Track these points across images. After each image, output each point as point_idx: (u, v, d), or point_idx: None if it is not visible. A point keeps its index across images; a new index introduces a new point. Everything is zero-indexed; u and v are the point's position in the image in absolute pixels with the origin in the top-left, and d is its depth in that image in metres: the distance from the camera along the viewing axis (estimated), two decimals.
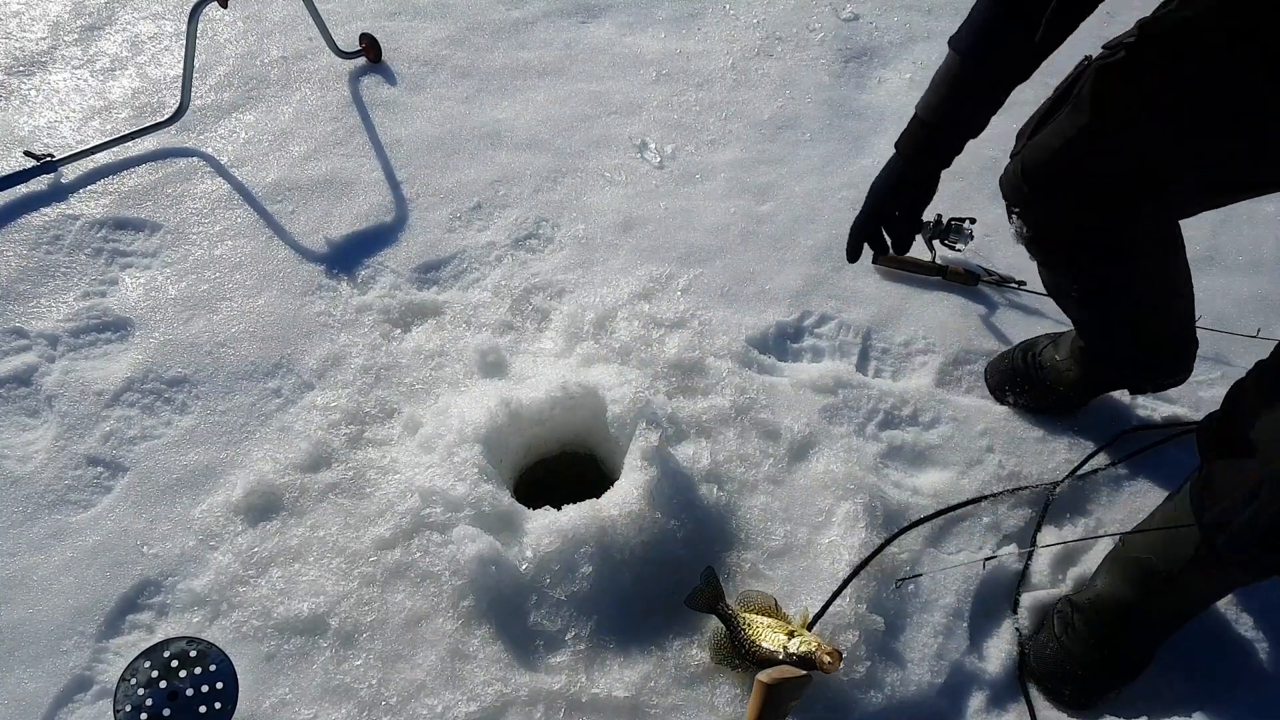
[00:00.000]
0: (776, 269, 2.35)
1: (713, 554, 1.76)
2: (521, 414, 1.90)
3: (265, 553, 1.75)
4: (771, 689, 1.47)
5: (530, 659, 1.63)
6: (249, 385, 2.04)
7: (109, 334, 2.13)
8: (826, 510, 1.85)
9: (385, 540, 1.76)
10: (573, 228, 2.43)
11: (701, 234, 2.42)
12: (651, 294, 2.25)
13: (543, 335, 2.17)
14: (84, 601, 1.69)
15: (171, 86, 2.68)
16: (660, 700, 1.60)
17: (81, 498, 1.85)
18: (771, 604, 1.65)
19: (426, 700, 1.58)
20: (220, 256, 2.30)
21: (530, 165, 2.58)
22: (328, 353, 2.10)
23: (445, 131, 2.66)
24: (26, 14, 2.92)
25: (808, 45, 3.03)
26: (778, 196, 2.54)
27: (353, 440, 1.94)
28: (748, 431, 1.97)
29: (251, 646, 1.64)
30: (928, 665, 1.67)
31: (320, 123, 2.66)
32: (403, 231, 2.39)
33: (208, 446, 1.93)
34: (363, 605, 1.69)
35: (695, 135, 2.71)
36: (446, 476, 1.78)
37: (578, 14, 3.09)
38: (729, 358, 2.10)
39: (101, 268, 2.25)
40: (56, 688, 1.59)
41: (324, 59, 2.82)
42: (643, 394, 1.90)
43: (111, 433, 1.94)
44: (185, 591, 1.71)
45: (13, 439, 1.93)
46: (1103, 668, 1.63)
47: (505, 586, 1.67)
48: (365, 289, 2.25)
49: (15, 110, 2.62)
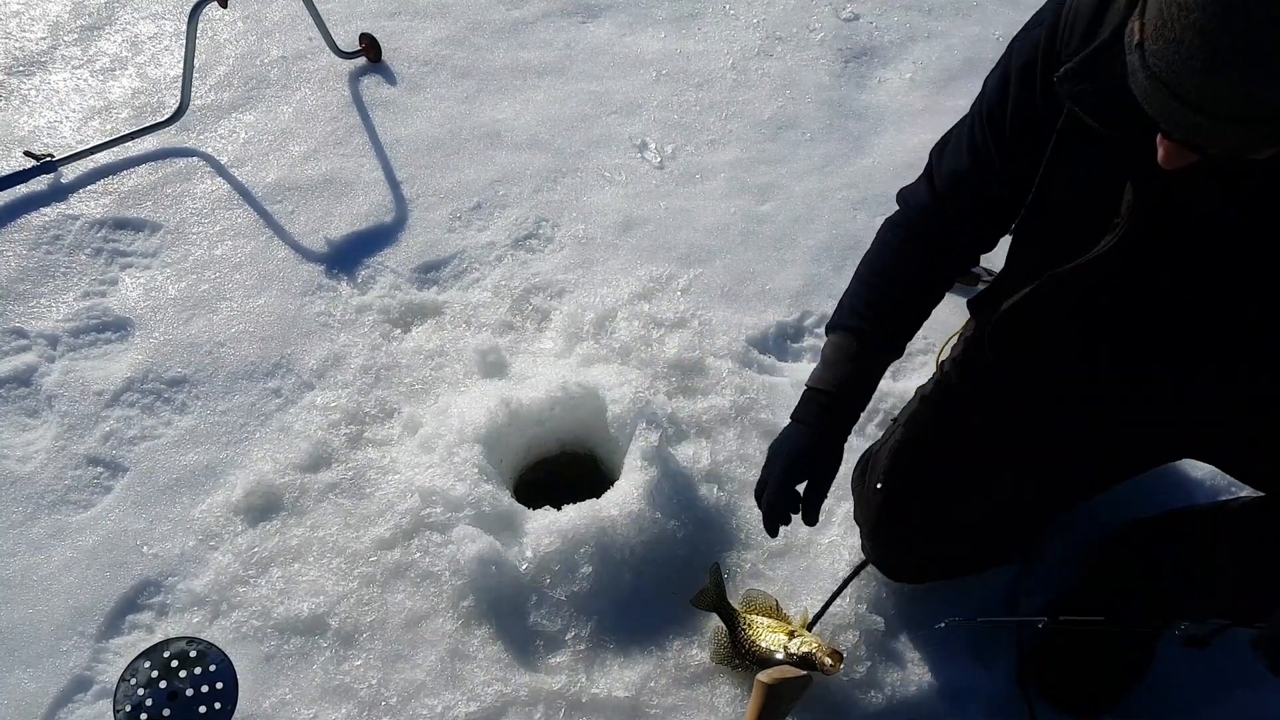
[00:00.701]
0: (776, 269, 2.35)
1: (713, 554, 1.76)
2: (521, 414, 1.90)
3: (265, 553, 1.75)
4: (771, 689, 1.47)
5: (530, 659, 1.63)
6: (249, 385, 2.04)
7: (109, 334, 2.13)
8: (826, 510, 1.84)
9: (385, 540, 1.76)
10: (573, 228, 2.43)
11: (701, 234, 2.42)
12: (651, 294, 2.25)
13: (543, 335, 2.17)
14: (84, 601, 1.69)
15: (171, 86, 2.68)
16: (660, 700, 1.60)
17: (81, 498, 1.85)
18: (773, 605, 1.65)
19: (426, 700, 1.58)
20: (220, 256, 2.30)
21: (530, 165, 2.58)
22: (328, 353, 2.10)
23: (445, 131, 2.66)
24: (26, 14, 2.92)
25: (808, 45, 3.03)
26: (778, 196, 2.54)
27: (353, 440, 1.94)
28: (748, 431, 1.97)
29: (251, 646, 1.64)
30: (928, 665, 1.67)
31: (320, 123, 2.66)
32: (403, 231, 2.39)
33: (208, 446, 1.93)
34: (363, 605, 1.69)
35: (695, 135, 2.71)
36: (446, 476, 1.78)
37: (578, 14, 3.09)
38: (729, 358, 2.10)
39: (101, 268, 2.25)
40: (56, 688, 1.59)
41: (324, 59, 2.81)
42: (643, 394, 1.90)
43: (111, 433, 1.94)
44: (185, 591, 1.71)
45: (13, 439, 1.93)
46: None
47: (505, 586, 1.67)
48: (365, 289, 2.25)
49: (15, 110, 2.62)
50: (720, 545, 1.79)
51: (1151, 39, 0.95)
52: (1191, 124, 0.95)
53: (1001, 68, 1.36)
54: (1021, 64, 1.30)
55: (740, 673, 1.62)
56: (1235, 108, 0.90)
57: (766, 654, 1.56)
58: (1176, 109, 0.95)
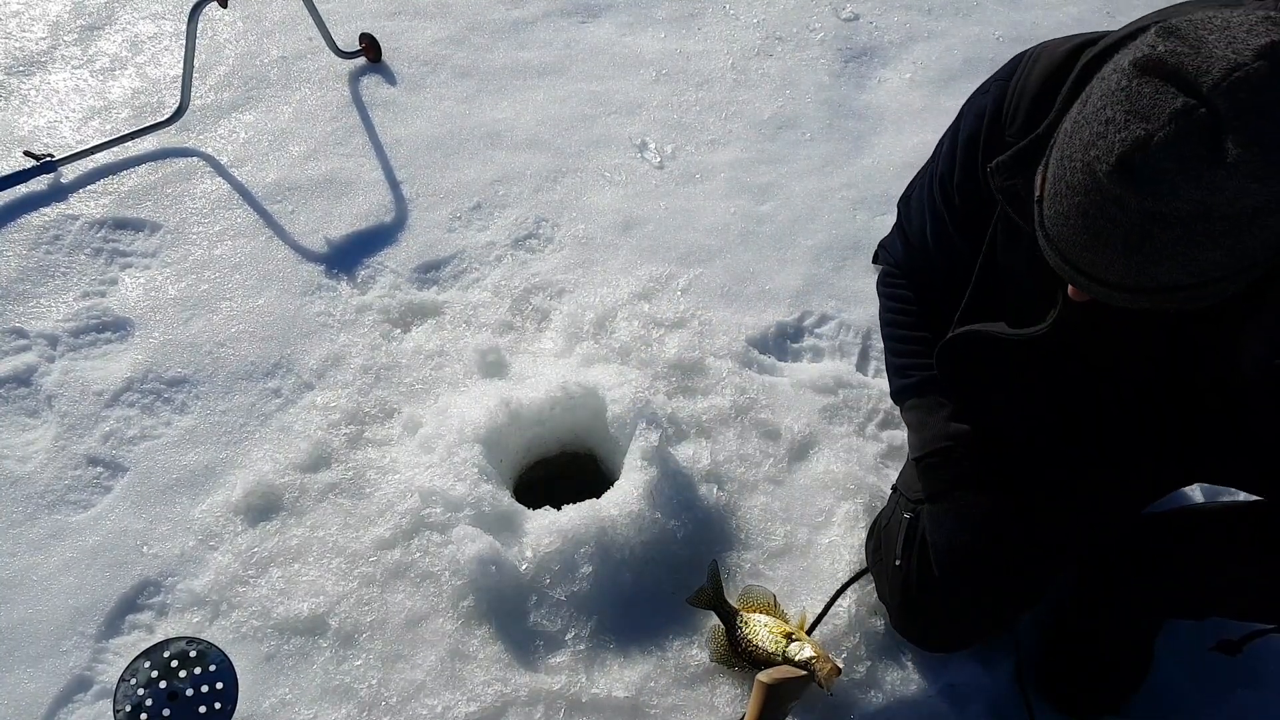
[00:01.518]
0: (776, 269, 2.35)
1: (713, 554, 1.76)
2: (521, 414, 1.90)
3: (265, 553, 1.75)
4: (771, 689, 1.47)
5: (530, 659, 1.63)
6: (249, 385, 2.04)
7: (109, 334, 2.13)
8: (826, 510, 1.85)
9: (385, 540, 1.76)
10: (573, 228, 2.43)
11: (701, 234, 2.42)
12: (651, 294, 2.25)
13: (543, 335, 2.17)
14: (84, 601, 1.69)
15: (171, 86, 2.68)
16: (660, 700, 1.60)
17: (81, 498, 1.85)
18: (771, 600, 1.65)
19: (426, 700, 1.58)
20: (220, 256, 2.30)
21: (530, 165, 2.58)
22: (328, 353, 2.10)
23: (445, 131, 2.66)
24: (26, 14, 2.92)
25: (808, 45, 3.03)
26: (778, 196, 2.54)
27: (353, 440, 1.94)
28: (748, 431, 1.97)
29: (251, 646, 1.64)
30: (928, 665, 1.67)
31: (320, 123, 2.66)
32: (403, 231, 2.39)
33: (208, 446, 1.93)
34: (363, 605, 1.69)
35: (695, 135, 2.71)
36: (446, 476, 1.78)
37: (578, 14, 3.09)
38: (729, 358, 2.10)
39: (101, 268, 2.25)
40: (56, 688, 1.59)
41: (324, 59, 2.81)
42: (643, 394, 1.90)
43: (111, 433, 1.94)
44: (185, 591, 1.71)
45: (13, 439, 1.93)
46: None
47: (505, 586, 1.67)
48: (365, 289, 2.25)
49: (15, 110, 2.62)
50: (720, 545, 1.79)
51: (1048, 202, 0.97)
52: (1085, 286, 0.98)
53: (952, 132, 1.37)
54: (967, 137, 1.31)
55: (740, 673, 1.62)
56: (1123, 280, 0.93)
57: (765, 655, 1.56)
58: (1069, 272, 0.98)
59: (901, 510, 1.60)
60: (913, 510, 1.57)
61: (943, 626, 1.59)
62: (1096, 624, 1.64)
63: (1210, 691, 1.68)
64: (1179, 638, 1.70)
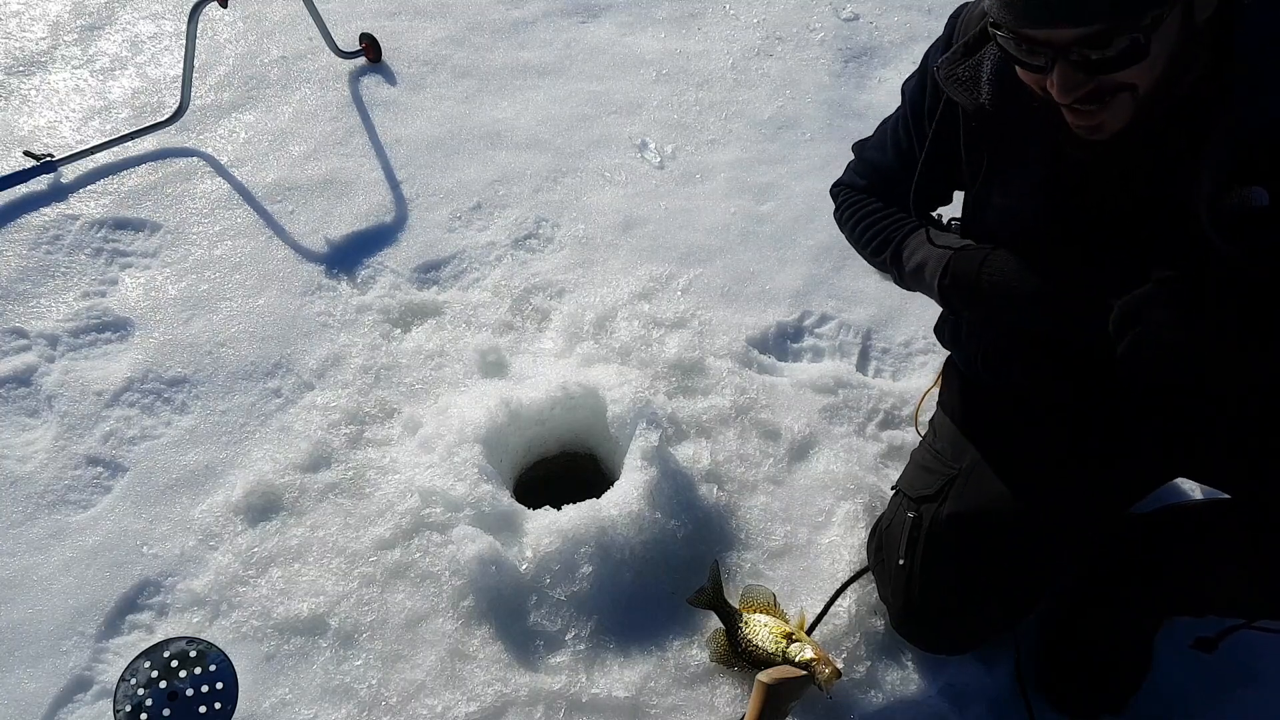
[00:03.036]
0: (776, 269, 2.35)
1: (713, 554, 1.76)
2: (521, 414, 1.90)
3: (265, 553, 1.75)
4: (771, 689, 1.47)
5: (530, 659, 1.63)
6: (249, 385, 2.04)
7: (109, 334, 2.13)
8: (826, 510, 1.85)
9: (385, 540, 1.76)
10: (573, 228, 2.43)
11: (701, 234, 2.42)
12: (651, 294, 2.25)
13: (543, 335, 2.17)
14: (84, 601, 1.69)
15: (171, 86, 2.68)
16: (660, 700, 1.60)
17: (81, 498, 1.85)
18: (771, 600, 1.65)
19: (426, 700, 1.58)
20: (220, 256, 2.30)
21: (530, 165, 2.58)
22: (328, 353, 2.10)
23: (445, 131, 2.66)
24: (26, 14, 2.92)
25: (808, 45, 3.03)
26: (778, 196, 2.54)
27: (353, 440, 1.94)
28: (748, 431, 1.97)
29: (251, 646, 1.64)
30: (928, 665, 1.67)
31: (320, 123, 2.66)
32: (403, 231, 2.39)
33: (208, 446, 1.93)
34: (363, 605, 1.69)
35: (695, 135, 2.71)
36: (446, 476, 1.78)
37: (578, 14, 3.09)
38: (729, 358, 2.10)
39: (101, 268, 2.25)
40: (56, 688, 1.59)
41: (324, 59, 2.82)
42: (643, 394, 1.90)
43: (111, 433, 1.94)
44: (185, 591, 1.71)
45: (13, 439, 1.93)
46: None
47: (505, 586, 1.67)
48: (365, 289, 2.25)
49: (15, 110, 2.62)
50: (720, 545, 1.79)
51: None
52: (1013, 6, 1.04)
53: (919, 72, 1.47)
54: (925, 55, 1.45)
55: (740, 673, 1.62)
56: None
57: (765, 656, 1.56)
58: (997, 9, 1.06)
59: (904, 510, 1.60)
60: (916, 510, 1.57)
61: (944, 628, 1.59)
62: (1096, 624, 1.64)
63: (1210, 691, 1.68)
64: (1179, 638, 1.70)
